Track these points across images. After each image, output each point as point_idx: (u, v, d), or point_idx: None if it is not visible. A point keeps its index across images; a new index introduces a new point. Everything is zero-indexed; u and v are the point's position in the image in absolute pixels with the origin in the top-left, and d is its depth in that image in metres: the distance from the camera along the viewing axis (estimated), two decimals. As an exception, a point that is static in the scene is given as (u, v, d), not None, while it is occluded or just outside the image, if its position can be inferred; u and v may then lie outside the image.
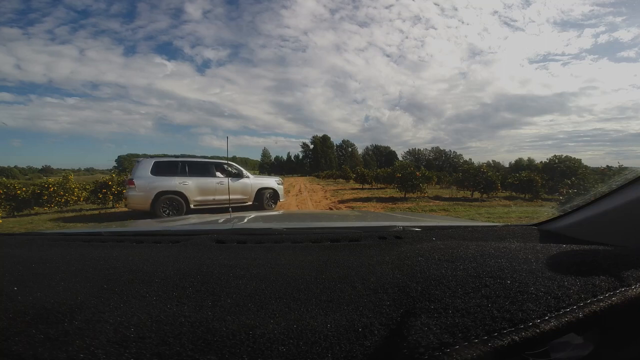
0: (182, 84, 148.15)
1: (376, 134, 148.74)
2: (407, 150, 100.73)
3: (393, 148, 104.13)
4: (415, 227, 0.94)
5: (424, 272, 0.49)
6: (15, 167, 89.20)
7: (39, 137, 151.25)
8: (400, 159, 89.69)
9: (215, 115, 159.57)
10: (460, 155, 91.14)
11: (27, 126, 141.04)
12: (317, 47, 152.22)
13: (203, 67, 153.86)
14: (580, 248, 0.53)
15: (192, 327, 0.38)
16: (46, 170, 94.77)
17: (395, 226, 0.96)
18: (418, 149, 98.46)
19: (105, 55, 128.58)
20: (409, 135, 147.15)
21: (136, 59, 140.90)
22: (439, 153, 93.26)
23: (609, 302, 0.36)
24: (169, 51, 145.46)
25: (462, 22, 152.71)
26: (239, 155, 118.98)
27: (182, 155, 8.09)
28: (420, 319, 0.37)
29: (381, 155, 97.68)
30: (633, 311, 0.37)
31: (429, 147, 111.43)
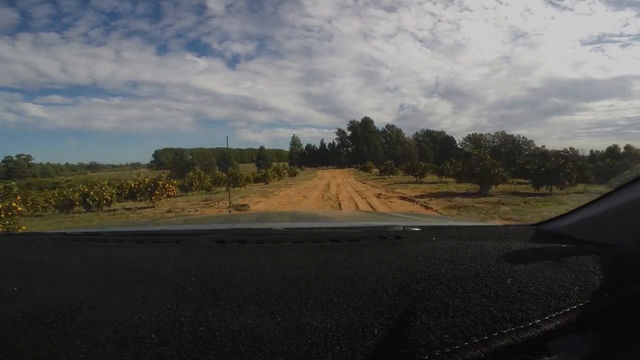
0: (215, 79, 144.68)
1: (412, 122, 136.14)
2: (466, 136, 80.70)
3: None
4: (415, 227, 0.93)
5: (424, 272, 0.49)
6: (66, 164, 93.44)
7: (91, 136, 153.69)
8: (459, 146, 75.14)
9: (249, 109, 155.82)
10: (532, 141, 72.55)
11: (79, 126, 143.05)
12: (342, 36, 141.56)
13: (233, 62, 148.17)
14: (580, 248, 0.53)
15: (193, 327, 0.39)
16: (93, 167, 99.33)
17: (395, 226, 0.96)
18: (480, 134, 78.19)
19: (139, 55, 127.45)
20: (447, 123, 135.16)
21: (169, 57, 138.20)
22: (505, 139, 73.43)
23: (610, 302, 0.36)
24: (198, 48, 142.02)
25: (501, 3, 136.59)
26: (274, 147, 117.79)
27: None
28: (421, 318, 0.37)
29: (435, 143, 79.78)
30: (633, 311, 0.37)
31: (491, 132, 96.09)
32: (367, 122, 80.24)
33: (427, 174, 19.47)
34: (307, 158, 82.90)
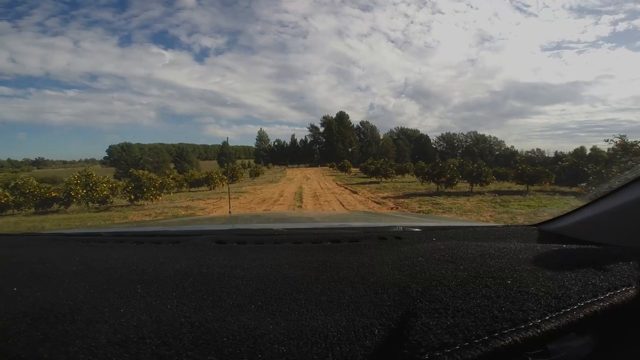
0: (181, 73, 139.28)
1: (381, 122, 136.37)
2: (440, 135, 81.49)
3: (385, 130, 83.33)
4: (415, 227, 0.92)
5: (424, 273, 0.49)
6: (9, 159, 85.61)
7: (43, 130, 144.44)
8: (434, 145, 75.54)
9: (218, 104, 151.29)
10: (502, 141, 75.90)
11: (29, 119, 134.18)
12: (318, 33, 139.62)
13: (202, 55, 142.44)
14: (580, 248, 0.54)
15: (192, 327, 0.38)
16: (40, 163, 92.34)
17: (395, 226, 0.95)
18: (453, 133, 79.94)
19: (100, 46, 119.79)
20: (414, 124, 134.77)
21: (133, 49, 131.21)
22: (477, 139, 75.51)
23: (610, 302, 0.37)
24: (165, 40, 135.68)
25: (471, 7, 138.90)
26: (242, 144, 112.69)
27: None
28: (421, 319, 0.37)
29: (409, 141, 77.66)
30: (633, 311, 0.38)
31: (437, 134, 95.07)
32: (342, 117, 74.47)
33: (457, 180, 12.16)
34: (275, 155, 75.30)
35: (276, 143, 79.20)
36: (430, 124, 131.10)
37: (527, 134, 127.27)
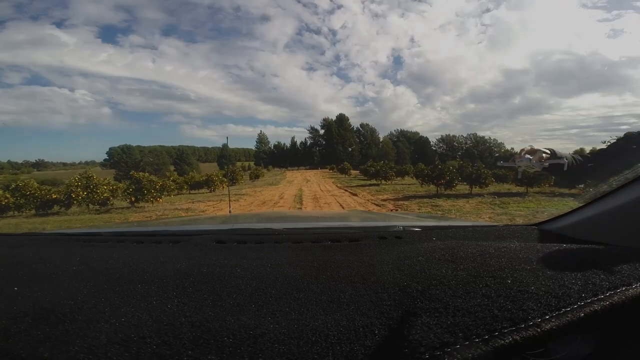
0: (133, 64, 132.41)
1: (375, 119, 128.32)
2: (440, 137, 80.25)
3: (383, 131, 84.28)
4: (415, 227, 0.92)
5: (424, 272, 0.49)
6: (9, 161, 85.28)
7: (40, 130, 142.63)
8: (433, 147, 75.22)
9: (175, 98, 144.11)
10: (502, 143, 74.53)
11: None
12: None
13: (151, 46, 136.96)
14: (580, 248, 0.54)
15: (193, 327, 0.38)
16: (40, 165, 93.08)
17: (395, 226, 0.95)
18: (452, 135, 78.90)
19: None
20: (413, 120, 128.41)
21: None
22: (477, 141, 74.80)
23: (610, 301, 0.36)
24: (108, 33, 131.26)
25: None
26: (242, 146, 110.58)
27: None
28: (421, 318, 0.37)
29: (409, 143, 76.96)
30: (634, 310, 0.38)
31: (437, 135, 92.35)
32: (342, 119, 73.95)
33: (456, 182, 12.14)
34: (275, 157, 75.02)
35: (275, 145, 79.25)
36: (429, 116, 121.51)
37: (537, 133, 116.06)
